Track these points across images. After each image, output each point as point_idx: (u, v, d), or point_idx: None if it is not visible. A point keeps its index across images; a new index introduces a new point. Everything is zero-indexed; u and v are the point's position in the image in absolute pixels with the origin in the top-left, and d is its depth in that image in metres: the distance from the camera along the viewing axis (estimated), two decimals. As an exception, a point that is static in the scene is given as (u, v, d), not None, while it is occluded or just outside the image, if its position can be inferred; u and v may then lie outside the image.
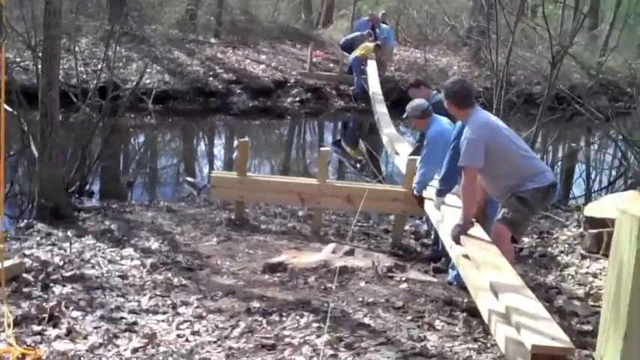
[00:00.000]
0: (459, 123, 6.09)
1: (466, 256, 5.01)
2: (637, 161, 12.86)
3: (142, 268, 5.89)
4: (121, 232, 6.88)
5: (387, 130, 11.71)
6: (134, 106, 12.95)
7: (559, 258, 7.53)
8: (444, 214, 6.01)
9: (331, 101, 18.09)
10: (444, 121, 6.83)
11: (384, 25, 19.42)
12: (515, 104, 11.83)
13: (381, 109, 13.80)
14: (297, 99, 17.67)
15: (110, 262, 5.98)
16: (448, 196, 6.25)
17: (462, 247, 5.15)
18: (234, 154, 7.97)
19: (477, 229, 5.29)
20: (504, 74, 9.78)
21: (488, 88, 16.56)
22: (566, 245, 7.93)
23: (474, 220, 5.32)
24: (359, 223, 8.66)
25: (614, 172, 14.65)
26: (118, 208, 8.23)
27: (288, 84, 18.10)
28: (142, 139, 14.89)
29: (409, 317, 4.91)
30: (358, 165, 13.00)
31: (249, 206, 8.33)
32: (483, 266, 4.61)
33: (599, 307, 5.74)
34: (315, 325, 4.68)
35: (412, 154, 7.87)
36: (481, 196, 5.48)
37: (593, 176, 14.42)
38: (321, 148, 7.71)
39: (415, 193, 7.01)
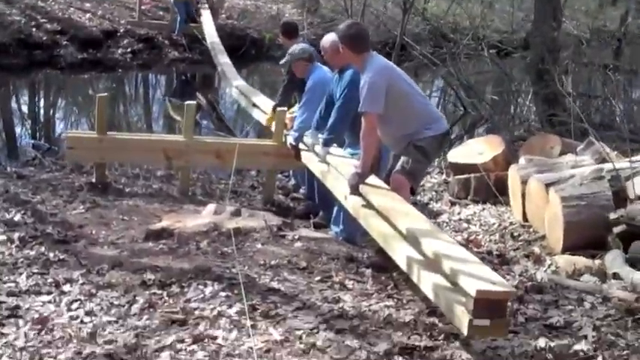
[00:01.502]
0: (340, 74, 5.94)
1: (365, 207, 4.91)
2: (473, 106, 13.41)
3: (9, 244, 5.25)
4: (-27, 205, 6.16)
5: (237, 82, 11.34)
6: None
7: (430, 206, 7.65)
8: (332, 165, 5.82)
9: (165, 52, 17.35)
10: (324, 68, 6.65)
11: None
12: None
13: (223, 60, 13.38)
14: (129, 50, 16.75)
15: (-30, 239, 5.33)
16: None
17: (359, 197, 5.03)
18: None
19: (373, 178, 5.17)
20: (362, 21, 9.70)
21: (321, 35, 16.59)
22: (434, 192, 8.07)
23: None
24: (222, 180, 8.38)
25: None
26: (-42, 177, 7.40)
27: (118, 34, 17.08)
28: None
29: (317, 278, 4.73)
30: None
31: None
32: (393, 214, 4.50)
33: (483, 253, 5.86)
34: (222, 294, 4.38)
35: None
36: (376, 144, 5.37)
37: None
38: (187, 102, 7.26)
39: (292, 142, 6.70)
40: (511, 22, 24.78)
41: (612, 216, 5.48)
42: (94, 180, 7.19)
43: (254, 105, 9.25)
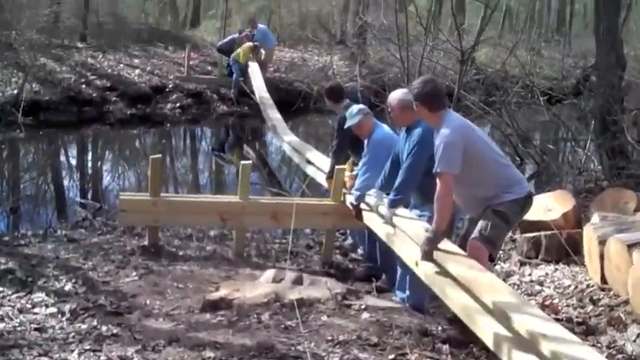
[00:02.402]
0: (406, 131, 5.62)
1: (440, 274, 4.53)
2: (532, 159, 12.99)
3: (60, 316, 5.00)
4: (24, 272, 5.89)
5: (288, 137, 11.14)
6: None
7: (497, 267, 7.22)
8: (399, 228, 5.46)
9: (213, 106, 17.31)
10: (385, 126, 6.37)
11: (260, 26, 18.83)
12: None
13: (273, 114, 13.21)
14: (178, 105, 16.79)
15: (21, 311, 5.06)
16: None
17: (432, 263, 4.66)
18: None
19: (447, 243, 4.81)
20: (419, 72, 9.46)
21: (368, 87, 16.40)
22: (501, 252, 7.63)
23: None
24: (276, 240, 8.09)
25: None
26: (9, 241, 7.20)
27: (167, 89, 17.16)
28: (14, 157, 13.49)
29: (391, 356, 4.34)
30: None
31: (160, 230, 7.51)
32: (475, 285, 4.12)
33: (562, 321, 5.43)
34: (289, 375, 4.05)
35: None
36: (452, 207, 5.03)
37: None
38: (243, 162, 7.00)
39: (354, 201, 6.39)
40: (561, 68, 24.45)
41: None
42: (146, 243, 6.93)
43: (308, 161, 8.99)
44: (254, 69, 16.60)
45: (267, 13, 25.08)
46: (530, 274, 6.86)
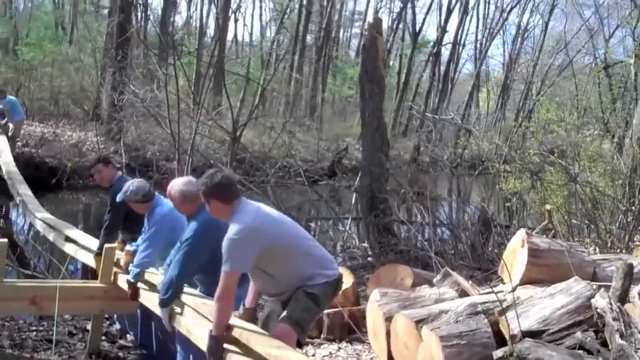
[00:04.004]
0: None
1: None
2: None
3: None
4: None
5: (41, 214, 10.16)
6: None
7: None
8: (189, 307, 4.97)
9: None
10: (167, 201, 5.90)
11: (10, 97, 17.48)
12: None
13: (23, 190, 12.07)
14: None
15: None
16: None
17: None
18: None
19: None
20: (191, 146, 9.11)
21: (128, 165, 15.79)
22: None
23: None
24: (33, 328, 7.18)
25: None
26: None
27: None
28: None
29: None
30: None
31: None
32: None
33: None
34: None
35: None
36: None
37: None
38: (-3, 239, 6.15)
39: (131, 279, 5.77)
40: (316, 151, 25.44)
41: (498, 354, 5.04)
42: None
43: (67, 239, 8.17)
44: (1, 142, 15.28)
45: (14, 86, 23.42)
46: (314, 355, 6.61)
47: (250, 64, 30.23)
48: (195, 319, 4.80)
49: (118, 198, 6.02)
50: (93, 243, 7.10)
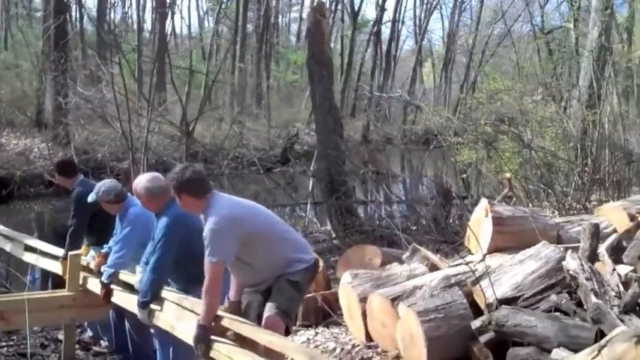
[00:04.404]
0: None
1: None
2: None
3: None
4: None
5: (-1, 226, 9.92)
6: None
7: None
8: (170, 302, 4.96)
9: None
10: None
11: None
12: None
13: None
14: None
15: None
16: None
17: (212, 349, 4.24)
18: None
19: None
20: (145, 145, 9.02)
21: (80, 169, 15.51)
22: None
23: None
24: (3, 343, 7.03)
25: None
26: None
27: None
28: None
29: None
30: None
31: None
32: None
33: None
34: None
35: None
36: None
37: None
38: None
39: (105, 280, 5.70)
40: (267, 139, 25.36)
41: (476, 324, 5.10)
42: None
43: (27, 248, 8.01)
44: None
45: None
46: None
47: (193, 57, 29.86)
48: (178, 313, 4.79)
49: (90, 198, 5.93)
50: (54, 250, 6.99)
